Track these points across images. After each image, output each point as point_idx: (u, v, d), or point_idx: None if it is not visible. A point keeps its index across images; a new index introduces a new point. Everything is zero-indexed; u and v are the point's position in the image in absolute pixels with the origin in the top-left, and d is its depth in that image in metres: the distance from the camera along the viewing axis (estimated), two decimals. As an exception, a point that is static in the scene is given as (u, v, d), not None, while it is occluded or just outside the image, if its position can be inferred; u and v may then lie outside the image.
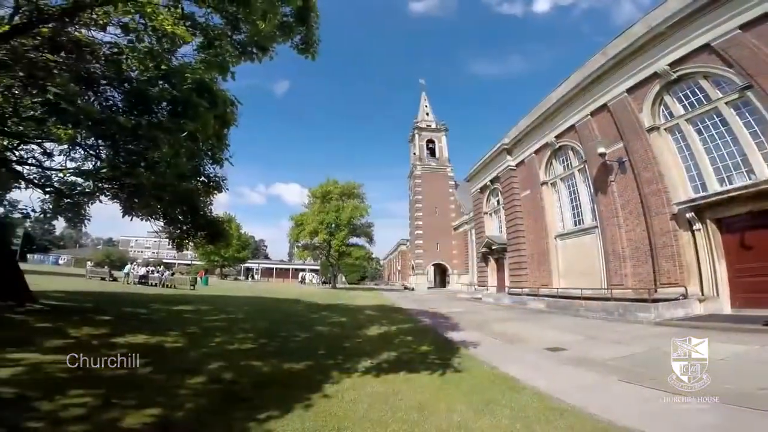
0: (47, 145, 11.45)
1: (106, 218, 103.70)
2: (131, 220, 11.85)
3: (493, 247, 28.34)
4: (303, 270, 70.35)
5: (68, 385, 4.05)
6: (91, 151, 10.53)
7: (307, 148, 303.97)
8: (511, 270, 25.36)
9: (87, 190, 11.58)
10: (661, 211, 14.35)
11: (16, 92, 9.84)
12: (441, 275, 63.47)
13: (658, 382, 4.87)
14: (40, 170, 12.10)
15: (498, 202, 29.55)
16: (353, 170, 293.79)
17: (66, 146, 10.37)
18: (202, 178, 12.15)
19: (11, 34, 7.29)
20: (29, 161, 12.07)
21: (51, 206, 11.92)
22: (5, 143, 11.65)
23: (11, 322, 7.60)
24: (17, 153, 12.01)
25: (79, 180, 11.60)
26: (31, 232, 61.64)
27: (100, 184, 11.19)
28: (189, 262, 67.45)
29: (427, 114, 72.17)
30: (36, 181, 11.90)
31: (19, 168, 11.95)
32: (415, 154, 67.53)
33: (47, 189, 11.83)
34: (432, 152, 67.69)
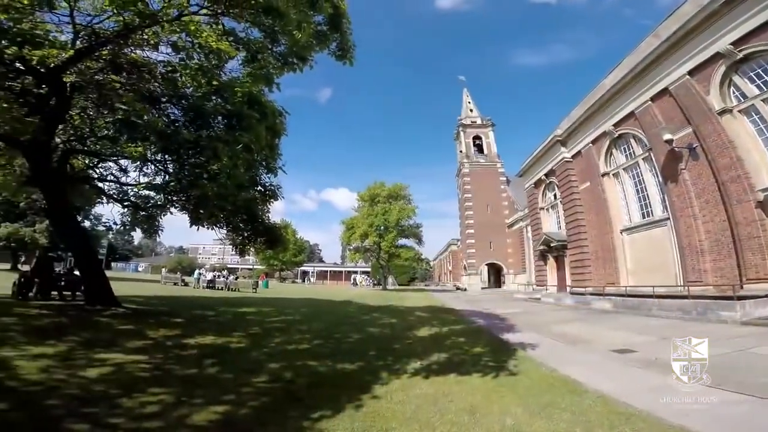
0: (122, 162, 12.75)
1: (176, 228, 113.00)
2: (198, 229, 12.83)
3: (551, 245, 26.96)
4: (355, 272, 71.58)
5: (146, 384, 4.43)
6: (159, 166, 11.49)
7: (354, 153, 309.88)
8: (572, 268, 23.97)
9: (159, 202, 12.70)
10: (743, 199, 12.88)
11: (91, 113, 11.01)
12: (495, 275, 61.48)
13: (745, 386, 4.42)
14: (117, 186, 13.48)
15: (555, 196, 28.11)
16: (400, 171, 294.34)
17: (138, 162, 11.42)
18: (259, 187, 12.82)
19: (77, 58, 8.14)
20: (108, 178, 13.49)
21: (129, 219, 13.23)
22: (87, 162, 13.11)
23: (99, 325, 8.41)
24: (98, 171, 13.49)
25: (152, 193, 12.76)
26: (114, 242, 68.66)
27: (169, 197, 12.21)
28: (251, 267, 71.45)
29: (471, 110, 70.48)
30: (115, 197, 13.27)
31: (100, 185, 13.41)
32: (461, 151, 66.17)
33: (125, 203, 13.13)
34: (479, 148, 65.90)
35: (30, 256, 24.86)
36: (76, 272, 12.64)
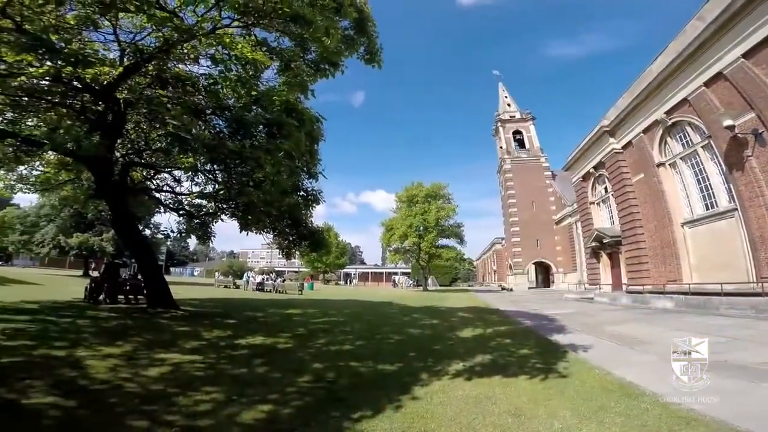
0: (176, 173, 13.68)
1: (228, 234, 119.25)
2: (247, 234, 13.50)
3: (604, 241, 25.49)
4: (395, 273, 71.70)
5: (201, 382, 4.68)
6: (209, 176, 12.19)
7: (389, 154, 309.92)
8: (628, 265, 22.52)
9: (210, 210, 13.48)
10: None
11: (144, 127, 11.87)
12: (543, 274, 59.04)
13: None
14: (173, 195, 14.47)
15: (605, 189, 26.56)
16: (437, 170, 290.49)
17: (190, 173, 12.19)
18: (302, 193, 13.23)
19: (126, 75, 8.81)
20: (164, 188, 14.52)
21: (184, 226, 14.15)
22: (144, 173, 14.18)
23: (160, 327, 9.04)
24: (154, 182, 14.56)
25: (204, 202, 13.58)
26: (172, 248, 73.68)
27: (220, 205, 12.94)
28: (297, 270, 73.74)
29: (509, 105, 68.25)
30: (171, 206, 14.25)
31: (157, 195, 14.46)
32: (501, 147, 64.24)
33: (180, 212, 14.06)
34: (521, 143, 63.66)
35: (98, 263, 27.24)
36: (139, 277, 13.72)
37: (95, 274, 17.79)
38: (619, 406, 4.05)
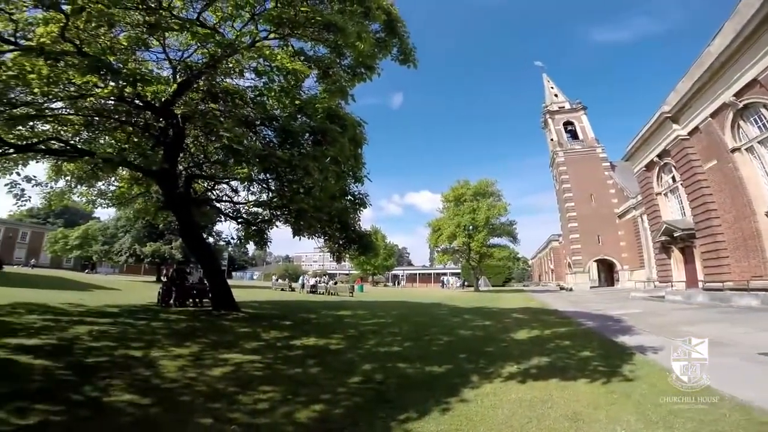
0: (233, 183, 14.56)
1: (283, 239, 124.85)
2: (300, 239, 14.03)
3: (675, 234, 23.37)
4: (444, 274, 70.54)
5: (259, 382, 4.92)
6: (263, 185, 12.83)
7: (432, 154, 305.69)
8: (704, 260, 20.45)
9: (266, 218, 14.17)
10: None
11: (202, 141, 12.73)
12: (607, 272, 55.17)
13: None
14: (231, 205, 15.40)
15: (673, 179, 24.38)
16: (484, 168, 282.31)
17: (245, 183, 12.91)
18: (349, 197, 13.52)
19: (180, 91, 9.49)
20: (223, 198, 15.51)
21: (243, 233, 14.99)
22: (205, 185, 15.24)
23: (223, 328, 9.61)
24: (214, 192, 15.59)
25: (259, 210, 14.31)
26: (233, 254, 78.13)
27: (274, 212, 13.56)
28: (347, 272, 75.23)
29: (556, 95, 64.62)
30: (230, 214, 15.17)
31: (218, 205, 15.48)
32: (552, 140, 61.01)
33: (239, 220, 14.92)
34: (573, 135, 60.02)
35: (169, 270, 29.64)
36: (204, 282, 14.74)
37: (165, 279, 19.34)
38: (692, 411, 3.73)
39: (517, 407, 4.05)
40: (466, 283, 57.73)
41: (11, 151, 10.31)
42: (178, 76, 9.67)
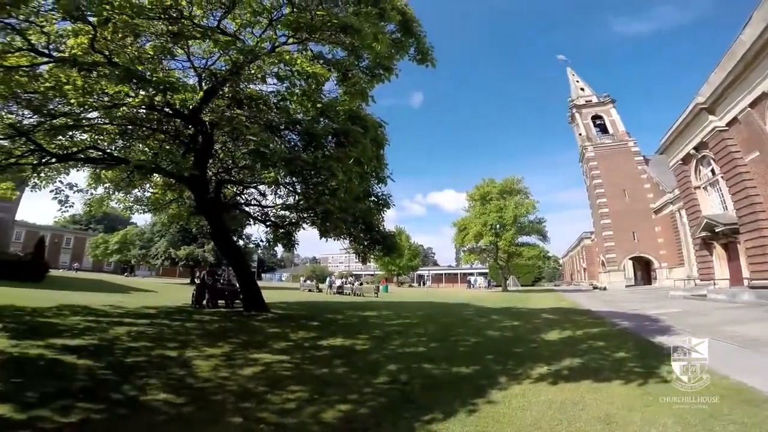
0: (261, 187, 14.93)
1: (309, 241, 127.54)
2: (326, 241, 14.24)
3: (716, 230, 22.10)
4: (471, 274, 69.59)
5: (288, 381, 5.01)
6: (290, 188, 13.08)
7: (454, 153, 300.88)
8: (749, 257, 19.22)
9: (293, 220, 14.47)
10: None
11: (230, 146, 13.11)
12: (643, 270, 52.78)
13: None
14: (260, 208, 15.80)
15: (712, 171, 23.11)
16: (510, 165, 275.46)
17: (272, 186, 13.21)
18: (372, 198, 13.59)
19: (207, 98, 9.80)
20: (252, 202, 15.93)
21: (271, 236, 15.35)
22: (234, 189, 15.70)
23: (254, 329, 9.86)
24: (243, 197, 16.03)
25: (287, 213, 14.62)
26: (262, 256, 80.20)
27: (301, 214, 13.83)
28: (372, 273, 75.62)
29: (582, 89, 62.44)
30: (259, 218, 15.57)
31: (247, 209, 15.90)
32: (581, 134, 58.99)
33: (267, 223, 15.29)
34: (603, 129, 57.83)
35: (202, 272, 30.70)
36: (234, 283, 15.18)
37: (199, 281, 20.03)
38: (734, 414, 3.52)
39: (547, 409, 3.93)
40: (493, 283, 56.63)
41: (53, 160, 10.98)
42: (203, 84, 10.01)
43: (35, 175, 11.77)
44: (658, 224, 47.76)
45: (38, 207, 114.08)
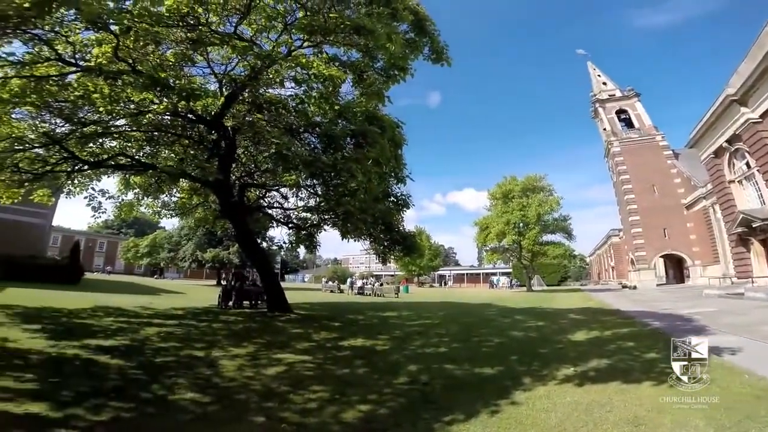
0: (282, 190, 15.19)
1: (331, 242, 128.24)
2: (348, 241, 14.35)
3: (753, 225, 21.06)
4: (494, 274, 68.48)
5: (310, 381, 5.08)
6: (310, 190, 13.27)
7: (473, 152, 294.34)
8: (791, 253, 18.20)
9: (314, 222, 14.65)
10: None
11: (252, 151, 13.38)
12: (675, 268, 50.63)
13: None
14: (282, 211, 16.07)
15: (747, 165, 22.03)
16: (531, 163, 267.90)
17: (294, 189, 13.41)
18: (392, 198, 13.61)
19: (228, 103, 10.02)
20: (274, 205, 16.22)
21: (294, 238, 15.59)
22: (257, 193, 16.02)
23: (277, 329, 10.03)
24: (266, 200, 16.34)
25: (308, 215, 14.82)
26: (285, 258, 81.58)
27: (322, 216, 14.00)
28: (393, 273, 75.63)
29: (604, 83, 60.34)
30: (281, 220, 15.84)
31: (270, 211, 16.20)
32: (605, 129, 57.08)
33: (289, 225, 15.53)
34: (628, 123, 55.74)
35: (228, 273, 31.45)
36: (259, 284, 15.48)
37: (224, 283, 20.53)
38: (773, 415, 3.32)
39: (572, 411, 3.84)
40: (517, 283, 55.61)
41: (86, 167, 11.49)
42: (224, 89, 10.26)
43: (69, 182, 12.35)
44: (690, 220, 45.72)
45: (73, 213, 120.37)
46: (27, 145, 10.15)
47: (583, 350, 7.21)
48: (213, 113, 10.09)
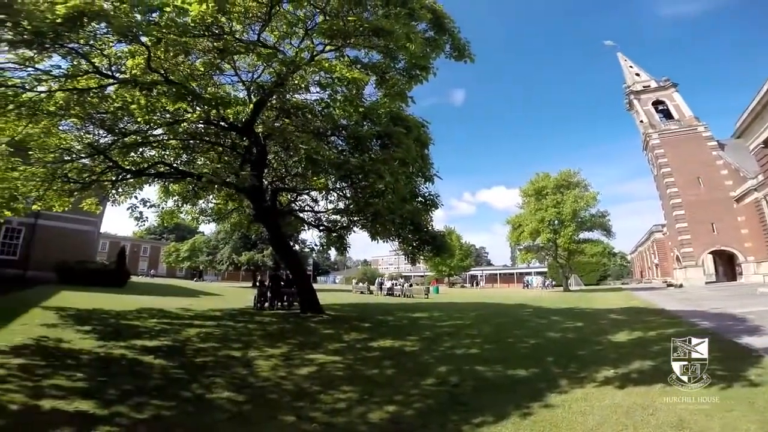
0: (313, 193, 15.50)
1: (361, 243, 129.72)
2: (377, 243, 14.45)
3: (812, 217, 19.31)
4: (528, 273, 66.53)
5: (340, 382, 5.15)
6: (340, 193, 13.46)
7: (501, 149, 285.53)
8: None
9: (344, 224, 14.85)
10: None
11: (282, 156, 13.72)
12: (726, 265, 47.30)
13: None
14: (313, 214, 16.39)
15: (801, 153, 20.24)
16: (563, 158, 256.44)
17: (323, 192, 13.65)
18: (420, 198, 13.56)
19: (257, 110, 10.30)
20: (305, 208, 16.56)
21: (324, 240, 15.86)
22: (288, 197, 16.42)
23: (309, 330, 10.22)
24: (297, 203, 16.72)
25: (338, 217, 15.05)
26: (317, 260, 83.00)
27: (351, 218, 14.17)
28: (422, 274, 75.29)
29: (637, 75, 57.13)
30: (312, 223, 16.16)
31: (301, 215, 16.57)
32: (642, 121, 54.10)
33: (320, 228, 15.82)
34: (666, 114, 52.54)
35: (264, 276, 32.40)
36: (292, 286, 15.84)
37: (260, 285, 21.15)
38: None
39: (611, 414, 3.68)
40: (552, 283, 53.77)
41: (129, 176, 12.18)
42: (252, 96, 10.59)
43: (114, 190, 13.15)
44: (741, 214, 42.56)
45: (118, 220, 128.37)
46: (74, 156, 10.89)
47: (624, 351, 6.92)
48: (244, 120, 10.43)
